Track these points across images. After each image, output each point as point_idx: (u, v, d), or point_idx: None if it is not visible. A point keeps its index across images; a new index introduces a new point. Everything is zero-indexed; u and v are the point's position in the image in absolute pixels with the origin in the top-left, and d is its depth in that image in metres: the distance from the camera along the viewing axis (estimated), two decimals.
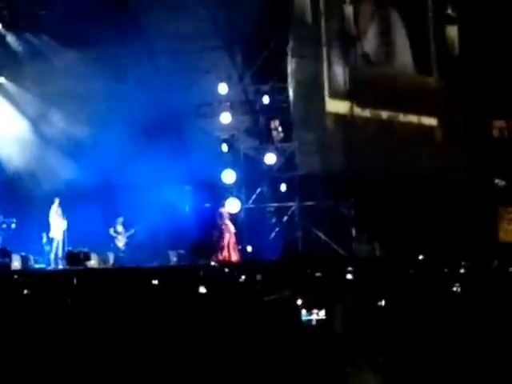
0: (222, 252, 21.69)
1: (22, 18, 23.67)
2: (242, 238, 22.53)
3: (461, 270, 15.46)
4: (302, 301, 9.92)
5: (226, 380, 7.42)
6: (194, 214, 23.37)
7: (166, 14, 22.32)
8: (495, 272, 15.17)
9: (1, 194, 22.23)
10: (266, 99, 23.91)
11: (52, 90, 22.81)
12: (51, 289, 13.66)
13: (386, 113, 24.27)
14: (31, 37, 23.47)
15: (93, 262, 21.03)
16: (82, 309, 10.67)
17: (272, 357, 7.79)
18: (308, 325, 9.44)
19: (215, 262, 20.77)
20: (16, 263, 20.13)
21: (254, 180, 23.73)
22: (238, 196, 23.26)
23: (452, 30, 24.87)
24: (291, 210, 23.31)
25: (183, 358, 7.89)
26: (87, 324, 9.26)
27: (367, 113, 24.22)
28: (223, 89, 23.68)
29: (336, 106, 24.33)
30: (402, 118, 24.41)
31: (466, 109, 23.76)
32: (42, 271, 20.14)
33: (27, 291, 13.00)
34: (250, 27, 23.37)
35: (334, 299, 9.95)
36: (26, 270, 19.54)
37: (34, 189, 22.38)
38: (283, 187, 23.47)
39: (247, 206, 23.47)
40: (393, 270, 15.57)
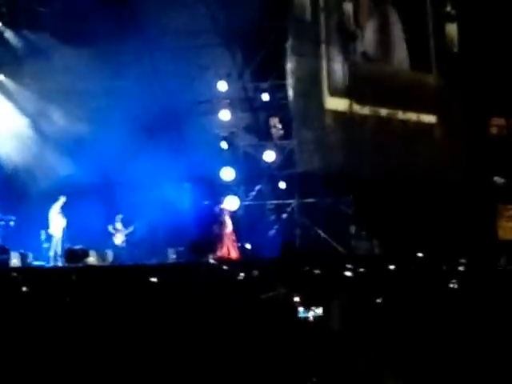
0: (221, 249, 21.67)
1: (20, 15, 23.61)
2: (241, 236, 22.50)
3: (459, 268, 15.46)
4: (299, 298, 9.92)
5: (224, 375, 7.42)
6: (193, 212, 23.36)
7: (165, 11, 22.27)
8: (494, 270, 15.16)
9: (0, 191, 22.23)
10: (265, 96, 23.94)
11: (51, 87, 22.71)
12: (50, 286, 13.65)
13: (385, 110, 24.29)
14: (30, 34, 23.40)
15: (91, 259, 21.00)
16: (81, 306, 10.67)
17: (269, 353, 7.80)
18: (305, 321, 9.44)
19: (214, 260, 20.75)
20: (15, 260, 20.08)
21: (253, 177, 23.75)
22: (237, 193, 23.27)
23: (451, 28, 24.88)
24: (290, 208, 23.34)
25: (181, 354, 7.89)
26: (86, 321, 9.26)
27: (366, 110, 24.25)
28: (223, 86, 23.67)
29: (335, 104, 24.34)
30: (401, 115, 24.43)
31: (465, 106, 23.78)
32: (41, 268, 20.10)
33: (26, 288, 12.99)
34: (250, 24, 23.35)
35: (332, 296, 9.96)
36: (25, 268, 19.50)
37: (33, 186, 22.33)
38: (282, 184, 23.50)
39: (246, 203, 23.49)
40: (391, 268, 15.58)
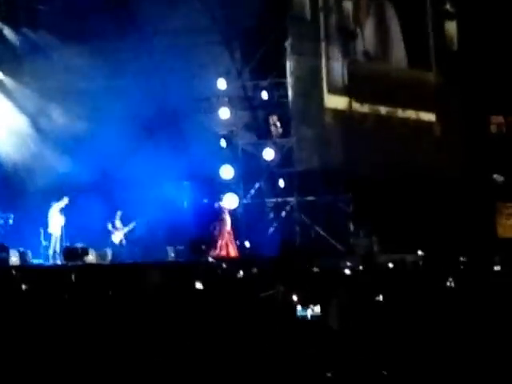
0: (220, 248, 21.66)
1: (20, 13, 23.60)
2: (240, 234, 22.51)
3: (459, 266, 15.45)
4: (297, 296, 9.90)
5: (222, 375, 7.40)
6: (193, 210, 23.35)
7: (164, 9, 22.25)
8: (493, 268, 15.14)
9: None
10: (264, 95, 23.91)
11: (51, 85, 22.70)
12: (49, 284, 13.62)
13: (384, 108, 24.27)
14: (29, 32, 23.39)
15: (91, 257, 20.98)
16: (80, 304, 10.64)
17: (267, 352, 7.78)
18: (303, 320, 9.42)
19: (213, 258, 20.75)
20: (14, 259, 20.07)
21: (252, 175, 23.72)
22: (236, 191, 23.25)
23: (451, 26, 24.85)
24: (289, 206, 23.32)
25: (180, 352, 7.88)
26: (84, 320, 9.24)
27: (366, 108, 24.23)
28: (222, 84, 23.65)
29: (334, 102, 24.32)
30: (401, 113, 24.41)
31: (464, 104, 23.75)
32: (40, 267, 20.10)
33: (25, 287, 12.96)
34: (249, 22, 23.36)
35: (330, 295, 9.93)
36: (24, 266, 19.48)
37: (32, 184, 22.33)
38: (281, 183, 23.47)
39: (245, 201, 23.47)
40: (390, 265, 15.58)
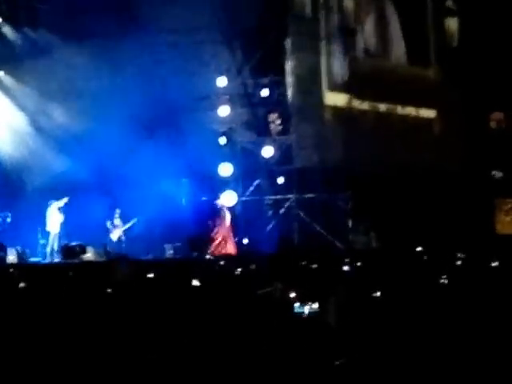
0: (218, 245, 21.64)
1: (20, 12, 23.59)
2: (239, 231, 22.51)
3: (457, 262, 15.41)
4: (295, 293, 9.86)
5: (220, 372, 7.36)
6: (191, 207, 23.34)
7: (165, 7, 22.24)
8: (492, 264, 15.09)
9: None
10: (264, 92, 23.90)
11: (51, 84, 22.70)
12: (47, 282, 13.60)
13: (384, 105, 24.24)
14: (30, 31, 23.40)
15: (89, 255, 20.99)
16: (78, 302, 10.60)
17: (264, 349, 7.73)
18: (301, 317, 9.37)
19: (211, 255, 20.74)
20: (11, 257, 20.07)
21: (251, 173, 23.72)
22: (235, 189, 23.24)
23: (451, 22, 24.82)
24: (288, 203, 23.31)
25: (178, 350, 7.84)
26: (82, 317, 9.20)
27: (365, 105, 24.20)
28: (222, 82, 23.65)
29: (334, 99, 24.31)
30: (401, 110, 24.39)
31: (464, 101, 23.71)
32: (38, 265, 20.08)
33: (23, 285, 12.93)
34: (250, 21, 23.34)
35: (329, 291, 9.89)
36: (22, 264, 19.47)
37: (31, 182, 22.34)
38: (280, 180, 23.47)
39: (244, 198, 23.47)
40: (389, 262, 15.52)
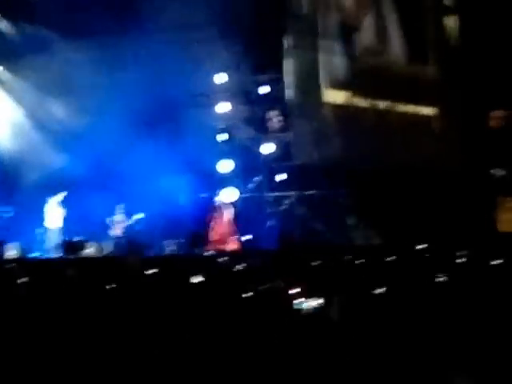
0: (217, 242, 21.66)
1: (17, 6, 23.58)
2: (239, 228, 22.51)
3: (458, 260, 15.40)
4: (297, 290, 9.89)
5: (220, 369, 7.39)
6: (191, 204, 23.36)
7: (164, 3, 22.22)
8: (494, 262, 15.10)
9: None
10: (263, 89, 23.93)
11: (49, 79, 22.75)
12: (47, 278, 13.61)
13: (383, 102, 24.22)
14: (27, 26, 23.41)
15: (90, 250, 21.06)
16: (78, 298, 10.62)
17: (266, 346, 7.76)
18: (303, 314, 9.40)
19: (211, 252, 20.74)
20: (11, 252, 20.12)
21: (251, 170, 23.77)
22: (234, 186, 23.27)
23: (450, 20, 24.77)
24: (288, 200, 23.34)
25: (179, 347, 7.86)
26: (82, 314, 9.22)
27: (365, 103, 24.18)
28: (221, 79, 23.67)
29: (333, 96, 24.31)
30: (400, 107, 24.36)
31: (464, 98, 23.68)
32: (38, 260, 20.12)
33: (23, 280, 12.94)
34: (249, 18, 23.33)
35: (330, 288, 9.93)
36: (22, 259, 19.50)
37: (30, 178, 22.38)
38: (280, 177, 23.51)
39: (244, 195, 23.50)
40: (390, 259, 15.53)
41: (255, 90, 24.11)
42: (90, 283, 12.24)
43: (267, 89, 23.89)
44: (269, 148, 23.60)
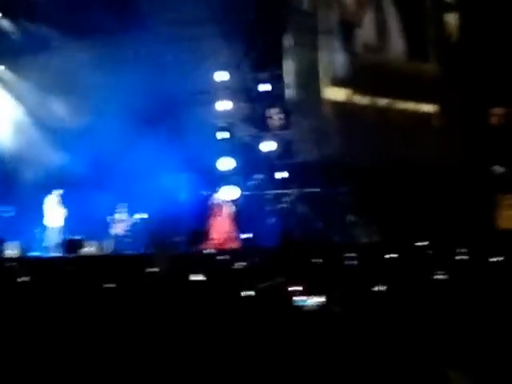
0: (217, 239, 21.65)
1: (19, 5, 23.60)
2: (240, 226, 22.51)
3: (458, 257, 15.39)
4: (297, 287, 9.87)
5: (221, 368, 7.38)
6: (191, 202, 23.36)
7: (164, 1, 22.21)
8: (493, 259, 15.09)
9: None
10: (264, 87, 23.92)
11: (50, 77, 22.74)
12: (47, 276, 13.61)
13: (383, 100, 24.21)
14: (29, 25, 23.41)
15: (90, 249, 21.06)
16: (78, 296, 10.61)
17: (267, 344, 7.75)
18: (303, 311, 9.39)
19: (211, 249, 20.73)
20: (11, 251, 20.12)
21: (251, 167, 23.77)
22: (235, 183, 23.28)
23: (451, 17, 24.76)
24: (289, 197, 23.34)
25: (178, 346, 7.85)
26: (81, 312, 9.21)
27: (365, 100, 24.17)
28: (221, 76, 23.67)
29: (334, 94, 24.28)
30: (400, 104, 24.34)
31: (464, 95, 23.66)
32: (38, 259, 20.12)
33: (23, 279, 12.95)
34: (249, 15, 23.33)
35: (331, 286, 9.92)
36: (22, 258, 19.51)
37: (31, 176, 22.37)
38: (281, 174, 23.51)
39: (244, 193, 23.50)
40: (390, 256, 15.53)
41: (256, 87, 24.11)
42: (90, 282, 12.24)
43: (268, 86, 23.89)
44: (269, 146, 23.63)
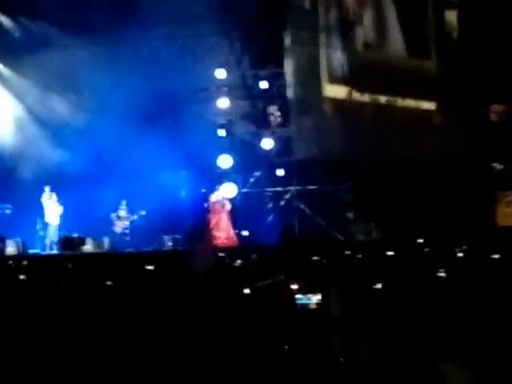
0: (216, 237, 21.62)
1: (18, 3, 23.57)
2: (239, 223, 22.49)
3: (458, 254, 15.38)
4: (297, 285, 9.84)
5: (221, 366, 7.35)
6: (190, 199, 23.34)
7: None
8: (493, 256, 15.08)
9: None
10: (263, 84, 23.89)
11: (50, 75, 22.71)
12: (46, 274, 13.59)
13: (384, 97, 24.17)
14: (29, 22, 23.38)
15: (88, 246, 21.03)
16: (77, 294, 10.58)
17: (266, 342, 7.72)
18: (303, 309, 9.36)
19: (210, 247, 20.69)
20: (11, 249, 20.10)
21: (250, 165, 23.76)
22: (234, 181, 23.26)
23: (451, 14, 24.72)
24: (289, 195, 23.32)
25: (177, 344, 7.83)
26: (81, 310, 9.19)
27: (365, 97, 24.13)
28: (221, 74, 23.63)
29: (334, 91, 24.26)
30: (400, 102, 24.30)
31: (464, 93, 23.62)
32: (37, 256, 20.10)
33: (22, 276, 12.92)
34: (249, 12, 23.30)
35: (330, 283, 9.88)
36: (21, 256, 19.48)
37: (30, 174, 22.34)
38: (280, 172, 23.48)
39: (244, 190, 23.49)
40: (390, 253, 15.52)
41: (256, 85, 24.07)
42: (89, 279, 12.22)
43: (268, 84, 23.84)
44: (269, 143, 23.60)
